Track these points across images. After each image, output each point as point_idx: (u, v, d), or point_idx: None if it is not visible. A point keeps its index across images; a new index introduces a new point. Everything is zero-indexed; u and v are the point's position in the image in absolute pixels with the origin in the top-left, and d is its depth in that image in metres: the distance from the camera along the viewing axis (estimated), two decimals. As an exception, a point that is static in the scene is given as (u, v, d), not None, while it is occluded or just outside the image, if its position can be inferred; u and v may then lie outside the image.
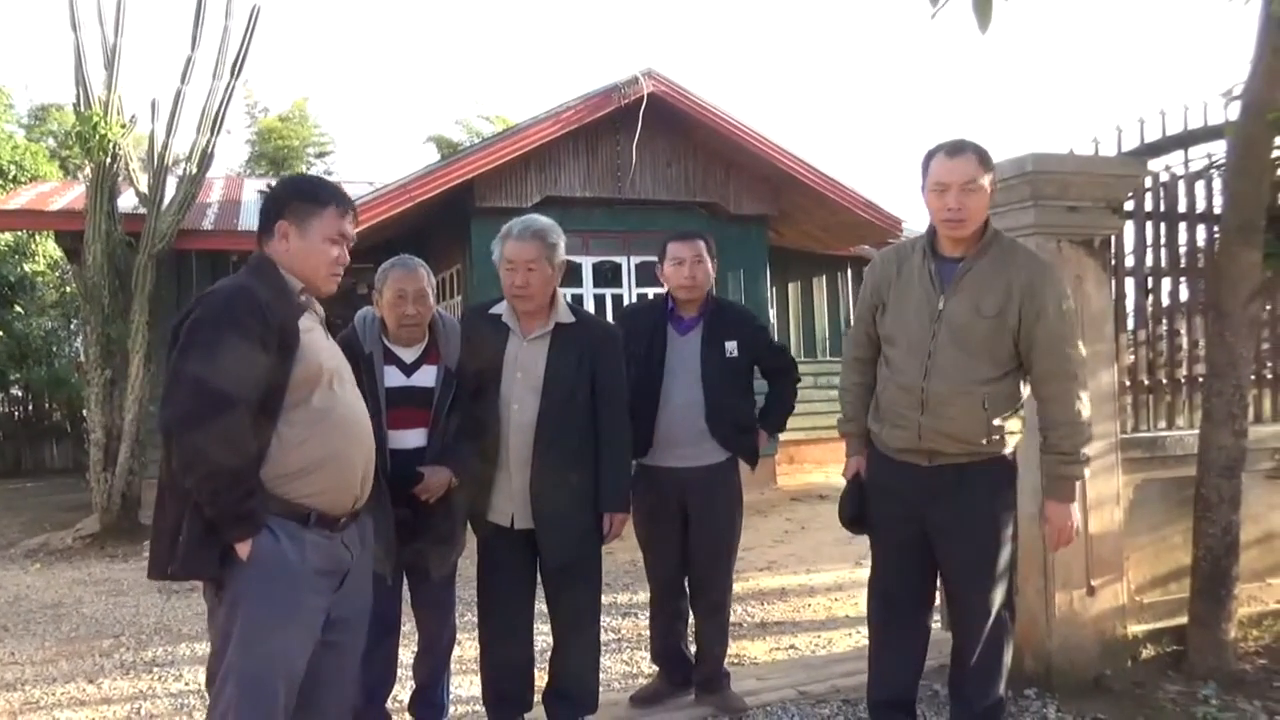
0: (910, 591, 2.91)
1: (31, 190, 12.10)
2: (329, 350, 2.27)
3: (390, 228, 8.25)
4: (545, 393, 2.99)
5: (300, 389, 2.13)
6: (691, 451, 3.31)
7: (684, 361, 3.34)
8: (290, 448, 2.11)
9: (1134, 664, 3.62)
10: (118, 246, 8.49)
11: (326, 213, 2.25)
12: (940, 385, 2.66)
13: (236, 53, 8.62)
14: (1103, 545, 3.55)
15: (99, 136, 8.17)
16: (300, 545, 2.12)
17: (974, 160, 2.64)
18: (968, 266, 2.69)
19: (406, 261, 3.07)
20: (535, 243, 3.02)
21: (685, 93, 8.88)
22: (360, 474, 2.26)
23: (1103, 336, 3.59)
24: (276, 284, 2.19)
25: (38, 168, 17.86)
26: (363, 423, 2.30)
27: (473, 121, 20.42)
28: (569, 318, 3.10)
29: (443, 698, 3.23)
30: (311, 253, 2.23)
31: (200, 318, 2.09)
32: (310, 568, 2.13)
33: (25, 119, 22.50)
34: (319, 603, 2.17)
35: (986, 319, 2.64)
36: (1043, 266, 2.75)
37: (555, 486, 2.98)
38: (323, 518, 2.16)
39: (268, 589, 2.08)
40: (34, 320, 15.11)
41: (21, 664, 4.66)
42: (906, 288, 2.78)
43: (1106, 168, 3.66)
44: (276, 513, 2.09)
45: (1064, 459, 2.67)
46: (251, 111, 25.33)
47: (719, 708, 3.39)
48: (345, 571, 2.25)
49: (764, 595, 5.46)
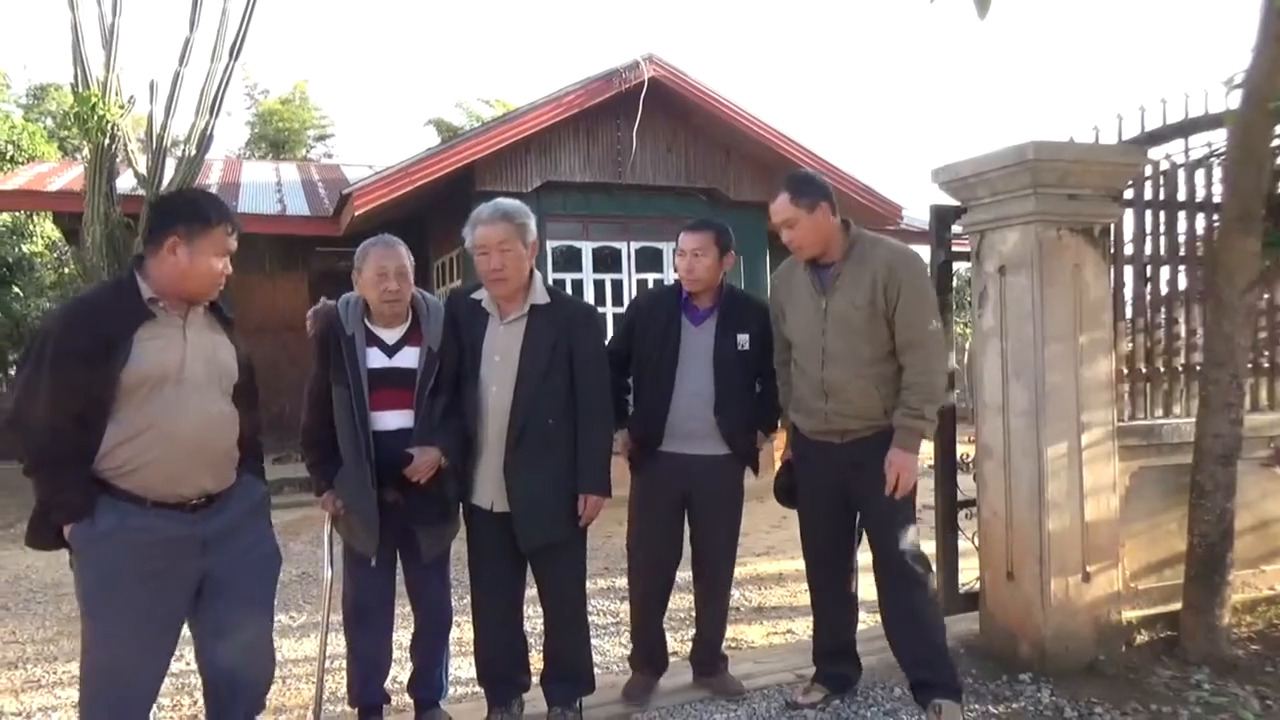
0: (838, 550, 3.31)
1: (30, 171, 12.06)
2: (168, 357, 2.38)
3: (390, 211, 8.24)
4: (520, 375, 3.01)
5: (130, 393, 2.32)
6: (700, 442, 3.31)
7: (697, 352, 3.33)
8: (118, 444, 2.33)
9: (1128, 649, 3.65)
10: (116, 228, 8.49)
11: (216, 232, 2.43)
12: (835, 373, 3.10)
13: (235, 34, 8.61)
14: (1098, 532, 3.57)
15: (97, 117, 8.16)
16: (140, 521, 2.34)
17: (785, 197, 3.11)
18: (838, 270, 3.12)
19: (386, 239, 3.07)
20: (504, 224, 3.01)
21: (685, 78, 8.86)
22: (190, 474, 2.40)
23: (1100, 324, 3.60)
24: (123, 297, 2.39)
25: (35, 148, 17.76)
26: (197, 428, 2.41)
27: (473, 105, 20.38)
28: (544, 299, 3.10)
29: (441, 679, 3.25)
30: (196, 266, 2.40)
31: (39, 330, 2.44)
32: (154, 538, 2.35)
33: (23, 99, 22.39)
34: (166, 558, 2.38)
35: (860, 309, 3.06)
36: (901, 255, 3.13)
37: (530, 469, 2.99)
38: (161, 503, 2.36)
39: (100, 561, 2.34)
40: (32, 301, 15.09)
41: (23, 643, 4.69)
42: (796, 295, 3.22)
43: (1106, 155, 3.66)
44: (119, 496, 2.34)
45: (912, 413, 3.04)
46: (251, 94, 25.25)
47: (717, 690, 3.42)
48: (204, 539, 2.43)
49: (762, 580, 5.49)
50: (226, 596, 2.49)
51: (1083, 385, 3.54)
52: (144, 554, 2.34)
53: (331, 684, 3.42)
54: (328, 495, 2.99)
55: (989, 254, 3.71)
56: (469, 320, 3.10)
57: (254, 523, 2.61)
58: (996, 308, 3.66)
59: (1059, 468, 3.50)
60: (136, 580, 2.34)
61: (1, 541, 7.48)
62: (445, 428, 3.00)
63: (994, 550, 3.71)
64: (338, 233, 8.96)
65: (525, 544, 3.04)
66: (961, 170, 3.69)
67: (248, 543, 2.56)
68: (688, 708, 3.32)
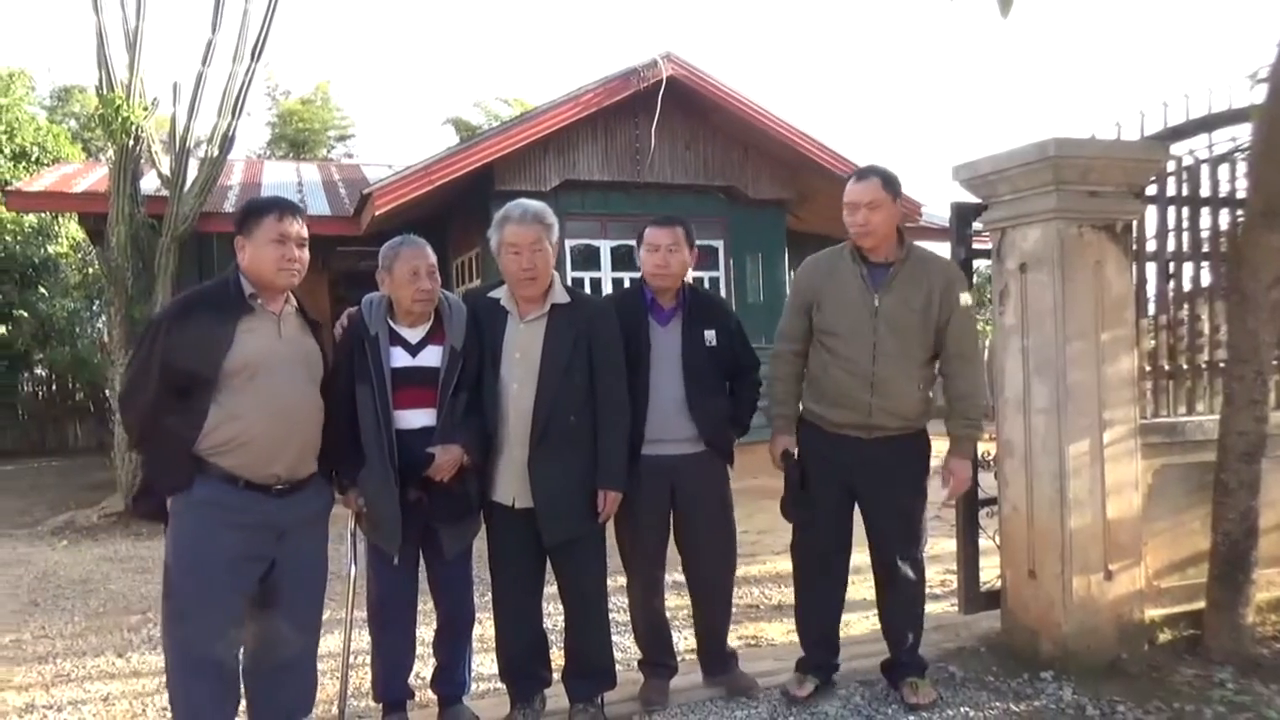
0: (840, 547, 3.39)
1: (55, 172, 12.20)
2: (266, 346, 2.68)
3: (410, 211, 8.29)
4: (542, 373, 3.03)
5: (230, 377, 2.61)
6: (678, 443, 3.28)
7: (666, 353, 3.30)
8: (219, 425, 2.61)
9: (1151, 648, 3.64)
10: (140, 228, 8.58)
11: (267, 220, 2.71)
12: (887, 370, 3.16)
13: (257, 36, 8.65)
14: (1121, 530, 3.55)
15: (121, 119, 8.23)
16: (232, 499, 2.62)
17: (878, 183, 3.21)
18: (896, 271, 3.21)
19: (413, 239, 3.10)
20: (536, 225, 3.07)
21: (704, 76, 8.86)
22: (281, 454, 2.68)
23: (1123, 322, 3.59)
24: (227, 292, 2.70)
25: (60, 149, 18.00)
26: (289, 410, 2.70)
27: (491, 104, 20.48)
28: (564, 298, 3.13)
29: (464, 675, 3.27)
30: (260, 256, 2.69)
31: (154, 321, 2.74)
32: (237, 518, 2.63)
33: (48, 101, 22.69)
34: (250, 540, 2.66)
35: (915, 312, 3.18)
36: (956, 272, 3.34)
37: (552, 466, 3.02)
38: (250, 483, 2.64)
39: (193, 530, 2.63)
40: (57, 301, 15.26)
41: (52, 638, 4.76)
42: (842, 289, 3.25)
43: (1129, 152, 3.64)
44: (214, 475, 2.61)
45: (970, 423, 3.26)
46: (272, 94, 25.43)
47: (730, 688, 3.42)
48: (283, 529, 2.71)
49: (781, 578, 5.48)
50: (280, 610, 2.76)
51: (1105, 382, 3.53)
52: (231, 531, 2.62)
53: (355, 679, 3.45)
54: (351, 493, 3.02)
55: (1010, 251, 3.69)
56: (488, 319, 3.13)
57: (317, 528, 2.88)
58: (1018, 305, 3.65)
59: (1081, 465, 3.49)
60: (220, 553, 2.61)
61: (30, 538, 7.60)
62: (466, 426, 3.02)
63: (1015, 548, 3.70)
64: (358, 232, 9.02)
65: (549, 539, 3.06)
66: (982, 167, 3.68)
67: (308, 549, 2.83)
68: (708, 704, 3.34)
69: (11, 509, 9.05)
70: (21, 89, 18.16)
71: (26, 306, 13.54)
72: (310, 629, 2.91)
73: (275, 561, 2.72)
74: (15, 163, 17.05)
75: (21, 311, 13.43)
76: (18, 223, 13.32)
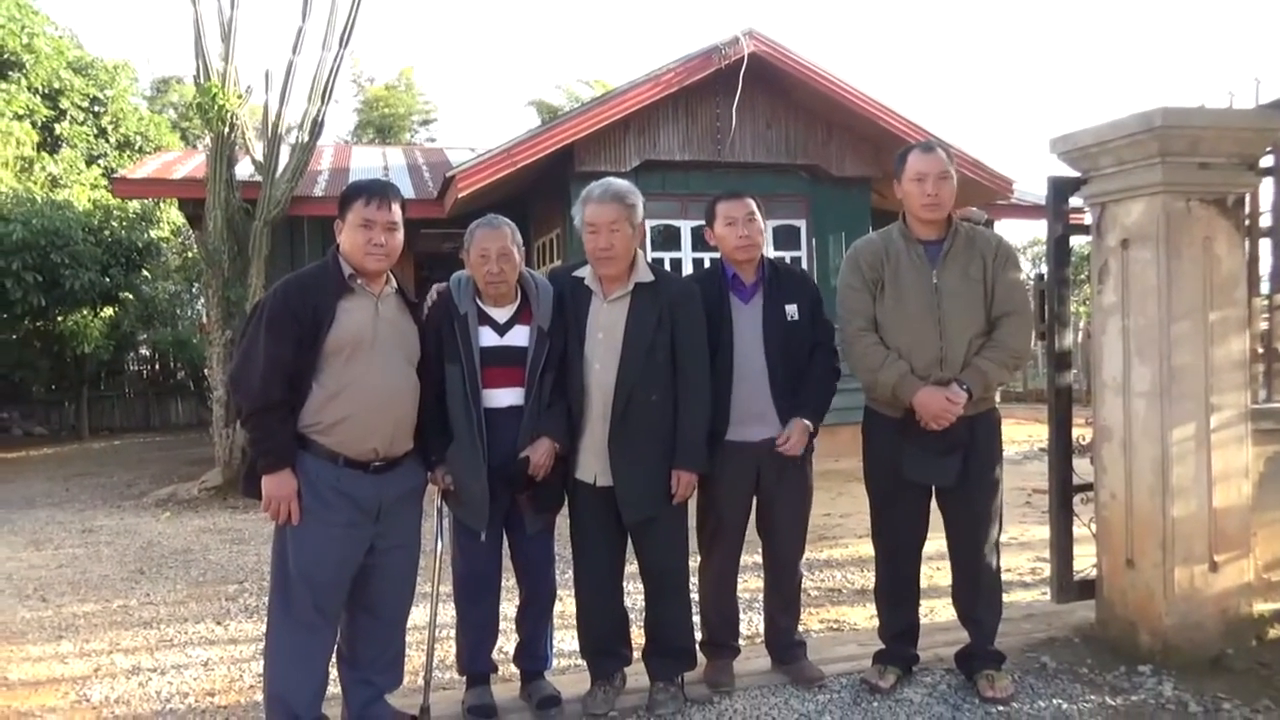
0: (917, 536, 3.34)
1: (156, 160, 12.73)
2: (365, 325, 2.78)
3: (492, 193, 8.37)
4: (624, 352, 3.03)
5: (331, 356, 2.73)
6: (763, 426, 3.22)
7: (750, 331, 3.25)
8: (321, 403, 2.73)
9: (1259, 644, 3.46)
10: (236, 213, 8.89)
11: (355, 204, 2.81)
12: (955, 346, 3.12)
13: (345, 22, 8.85)
14: (1228, 519, 3.39)
15: (217, 107, 8.52)
16: (333, 476, 2.74)
17: (944, 155, 3.19)
18: (949, 246, 3.19)
19: (492, 220, 3.11)
20: (615, 204, 3.05)
21: (786, 52, 8.70)
22: (378, 430, 2.78)
23: (1233, 301, 3.40)
24: (328, 273, 2.80)
25: (160, 138, 18.76)
26: (386, 388, 2.78)
27: (572, 86, 20.62)
28: (648, 277, 3.12)
29: (546, 650, 3.32)
30: (350, 239, 2.81)
31: (260, 303, 2.83)
32: (339, 495, 2.75)
33: (148, 91, 23.62)
34: (352, 518, 2.77)
35: (974, 281, 3.15)
36: (999, 238, 3.32)
37: (632, 445, 3.02)
38: (350, 460, 2.75)
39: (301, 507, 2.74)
40: (159, 284, 15.97)
41: (156, 604, 4.99)
42: (900, 270, 3.19)
43: (1242, 121, 3.45)
44: (315, 453, 2.74)
45: (986, 359, 3.12)
46: (358, 81, 26.00)
47: (794, 678, 3.35)
48: (380, 505, 2.81)
49: (864, 562, 5.40)
50: (375, 585, 2.89)
51: (1213, 365, 3.35)
52: (334, 507, 2.74)
53: (440, 652, 3.53)
54: (439, 470, 3.06)
55: (1111, 227, 3.53)
56: (572, 297, 3.13)
57: (412, 505, 2.98)
58: (1118, 283, 3.50)
59: (1185, 451, 3.33)
60: (326, 527, 2.73)
61: (135, 509, 7.98)
62: (551, 412, 3.05)
63: (1113, 536, 3.56)
64: (442, 214, 9.15)
65: (629, 517, 3.07)
66: (1082, 139, 3.52)
67: (403, 527, 2.93)
68: (786, 689, 3.29)
69: (119, 482, 9.54)
70: (125, 80, 18.96)
71: (131, 289, 14.15)
72: (402, 604, 3.01)
73: (372, 544, 2.82)
74: (120, 151, 17.84)
75: (127, 294, 14.05)
76: (123, 208, 13.91)
